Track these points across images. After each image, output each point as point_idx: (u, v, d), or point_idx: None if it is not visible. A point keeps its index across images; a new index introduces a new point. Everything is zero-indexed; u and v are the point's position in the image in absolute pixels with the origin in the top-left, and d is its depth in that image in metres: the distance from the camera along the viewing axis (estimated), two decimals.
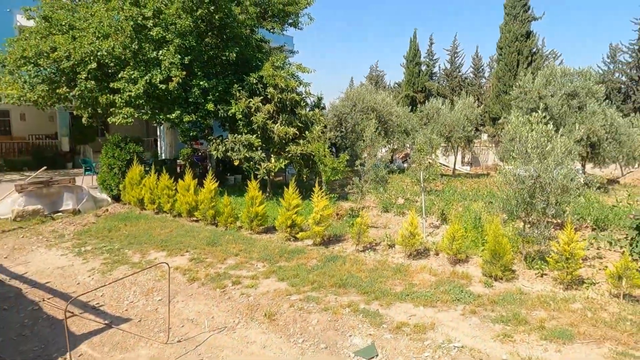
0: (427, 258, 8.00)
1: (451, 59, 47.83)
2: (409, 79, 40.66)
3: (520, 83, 17.84)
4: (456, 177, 21.15)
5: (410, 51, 40.37)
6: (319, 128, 13.31)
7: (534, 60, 31.38)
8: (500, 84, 31.91)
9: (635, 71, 42.25)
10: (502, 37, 32.30)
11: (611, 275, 6.09)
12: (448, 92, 42.76)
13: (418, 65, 40.99)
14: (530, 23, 31.66)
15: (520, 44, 31.14)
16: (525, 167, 6.93)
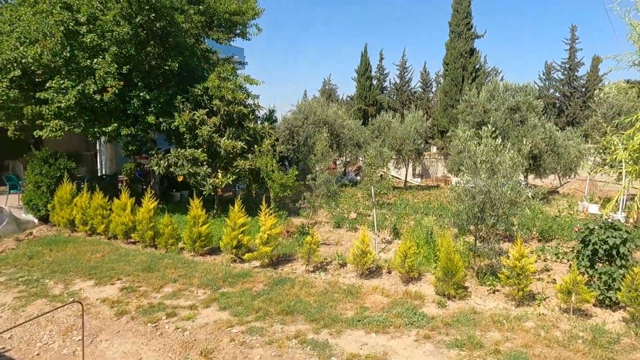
0: (380, 277, 7.70)
1: (401, 73, 49.13)
2: (361, 93, 41.18)
3: (466, 97, 18.34)
4: (408, 189, 21.34)
5: (362, 65, 40.99)
6: (269, 142, 12.83)
7: (478, 76, 32.71)
8: (447, 98, 32.94)
9: (567, 87, 45.36)
10: (447, 54, 33.46)
11: (561, 291, 6.05)
12: (399, 105, 43.76)
13: (369, 79, 41.64)
14: (474, 41, 33.05)
15: (464, 61, 32.37)
16: (474, 182, 6.83)
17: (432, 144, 31.38)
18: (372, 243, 9.72)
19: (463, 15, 32.30)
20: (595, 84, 41.67)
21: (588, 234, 6.50)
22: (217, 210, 12.74)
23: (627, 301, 5.71)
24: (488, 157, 6.86)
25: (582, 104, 41.71)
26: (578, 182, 22.60)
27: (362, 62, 40.91)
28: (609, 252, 6.28)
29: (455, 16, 32.60)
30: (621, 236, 6.21)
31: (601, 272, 6.34)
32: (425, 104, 45.59)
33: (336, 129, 20.14)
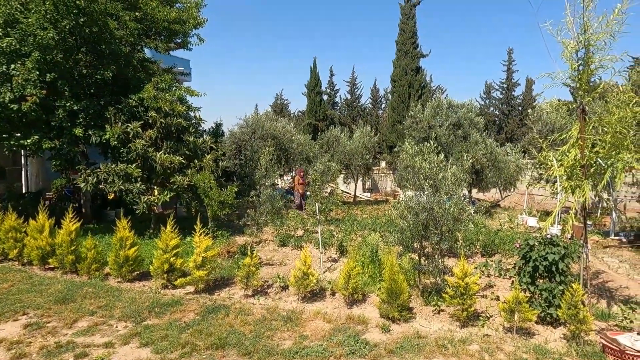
0: (323, 300, 7.28)
1: (351, 89, 49.95)
2: (311, 108, 41.24)
3: (412, 113, 18.64)
4: (357, 204, 21.25)
5: (312, 80, 41.14)
6: (211, 156, 12.18)
7: (424, 94, 33.76)
8: (395, 114, 33.66)
9: (505, 106, 48.04)
10: (395, 71, 34.34)
11: (504, 310, 5.92)
12: (349, 121, 44.26)
13: (320, 95, 41.84)
14: (419, 59, 34.19)
15: (411, 78, 33.34)
16: (418, 199, 6.64)
17: (381, 159, 31.79)
18: (318, 262, 9.33)
19: (409, 35, 33.34)
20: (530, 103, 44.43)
21: (528, 250, 6.47)
22: (154, 230, 11.83)
23: (567, 318, 5.66)
24: (431, 173, 6.71)
25: (519, 121, 44.21)
26: (517, 196, 23.59)
27: (312, 77, 41.07)
28: (548, 268, 6.26)
29: (402, 35, 33.59)
30: (559, 252, 6.22)
31: (542, 288, 6.31)
32: (375, 119, 46.51)
33: (285, 144, 19.73)
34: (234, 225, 13.13)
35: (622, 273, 9.26)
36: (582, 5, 5.74)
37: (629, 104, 5.77)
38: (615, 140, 5.88)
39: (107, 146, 11.88)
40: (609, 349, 5.18)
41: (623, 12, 5.61)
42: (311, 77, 41.09)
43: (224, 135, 21.34)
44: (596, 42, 5.96)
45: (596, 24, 5.89)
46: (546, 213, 17.66)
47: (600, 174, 6.27)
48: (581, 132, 6.20)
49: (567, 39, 6.01)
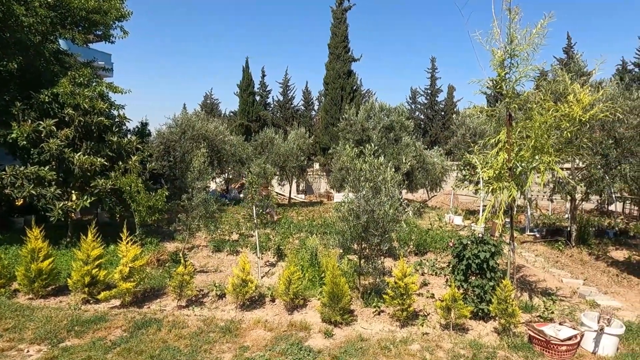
0: (263, 307, 7.03)
1: (284, 91, 49.77)
2: (244, 108, 40.41)
3: (346, 116, 18.92)
4: (292, 206, 21.12)
5: (244, 80, 40.33)
6: (137, 158, 11.33)
7: (355, 97, 34.53)
8: (328, 116, 34.04)
9: (429, 111, 50.76)
10: (327, 74, 34.74)
11: (441, 307, 6.11)
12: (282, 122, 44.04)
13: (252, 95, 41.12)
14: (351, 63, 34.92)
15: (343, 81, 33.93)
16: (358, 202, 6.65)
17: (315, 161, 31.98)
18: (255, 267, 9.04)
19: (341, 39, 33.91)
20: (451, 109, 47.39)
21: (462, 249, 6.76)
22: (72, 239, 10.74)
23: (497, 313, 5.97)
24: (372, 175, 6.76)
25: (442, 125, 46.92)
26: (443, 196, 24.96)
27: (244, 77, 40.28)
28: (480, 265, 6.58)
29: (334, 39, 34.08)
30: (490, 250, 6.56)
31: (474, 285, 6.62)
32: (308, 121, 46.75)
33: (217, 145, 19.06)
34: (164, 231, 12.37)
35: (538, 266, 10.07)
36: (509, 17, 6.11)
37: (548, 110, 6.25)
38: (537, 144, 6.33)
39: (15, 146, 10.58)
40: (536, 340, 5.54)
41: (544, 27, 6.06)
42: (244, 77, 40.28)
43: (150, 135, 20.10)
44: (520, 53, 6.37)
45: (520, 36, 6.30)
46: (470, 212, 18.84)
47: (524, 175, 6.72)
48: (508, 136, 6.60)
49: (495, 48, 6.36)
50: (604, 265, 10.31)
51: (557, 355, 5.30)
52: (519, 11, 6.12)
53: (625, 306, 7.41)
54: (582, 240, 12.37)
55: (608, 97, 9.83)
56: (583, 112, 6.27)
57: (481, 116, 17.22)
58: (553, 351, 5.32)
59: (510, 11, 6.17)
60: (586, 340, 5.59)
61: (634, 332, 5.99)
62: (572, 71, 11.55)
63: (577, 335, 5.48)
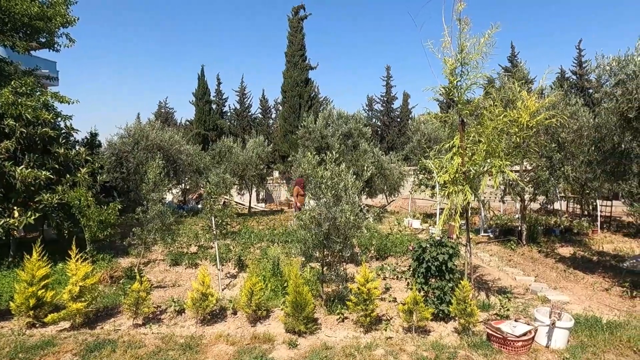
0: (225, 320, 6.84)
1: (240, 99, 49.28)
2: (200, 117, 39.65)
3: (304, 124, 18.97)
4: (252, 215, 20.83)
5: (200, 88, 39.62)
6: (86, 170, 10.77)
7: (313, 104, 34.80)
8: (286, 124, 34.05)
9: (386, 118, 51.92)
10: (285, 82, 34.83)
11: (403, 311, 6.19)
12: (240, 131, 43.56)
13: (208, 104, 40.46)
14: (308, 71, 35.20)
15: (301, 89, 34.12)
16: (320, 209, 6.65)
17: (275, 169, 31.80)
18: (216, 280, 8.80)
19: (298, 47, 34.14)
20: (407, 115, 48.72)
21: (421, 252, 6.91)
22: (14, 258, 10.04)
23: (457, 313, 6.13)
24: (333, 183, 6.78)
25: (398, 131, 48.09)
26: (402, 200, 25.50)
27: (199, 85, 39.56)
28: (439, 267, 6.74)
29: (291, 47, 34.26)
30: (448, 252, 6.74)
31: (434, 287, 6.77)
32: (266, 129, 46.54)
33: (173, 155, 18.52)
34: (118, 246, 11.80)
35: (493, 266, 10.47)
36: (459, 28, 6.37)
37: (499, 116, 6.55)
38: (489, 148, 6.61)
39: None
40: (493, 337, 5.73)
41: (491, 37, 6.36)
42: (199, 85, 39.57)
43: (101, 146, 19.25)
44: (470, 62, 6.64)
45: (470, 45, 6.58)
46: (428, 215, 19.36)
47: (478, 178, 6.98)
48: (461, 141, 6.84)
49: (447, 57, 6.60)
50: (552, 262, 10.87)
51: (513, 351, 5.50)
52: (468, 22, 6.39)
53: (573, 300, 7.84)
54: (532, 239, 13.01)
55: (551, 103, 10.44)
56: (530, 117, 6.62)
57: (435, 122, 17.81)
58: (510, 347, 5.52)
59: (460, 21, 6.43)
60: (540, 335, 5.84)
61: (582, 324, 6.33)
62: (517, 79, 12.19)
63: (531, 330, 5.72)
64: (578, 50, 41.52)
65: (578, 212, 18.72)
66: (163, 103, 56.09)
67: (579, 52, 41.36)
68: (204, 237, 12.79)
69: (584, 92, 35.64)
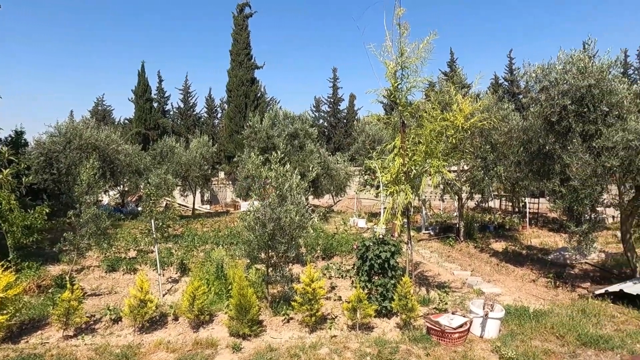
0: (165, 327, 6.58)
1: (184, 97, 47.68)
2: (140, 115, 37.83)
3: (250, 123, 18.74)
4: (196, 217, 20.21)
5: (140, 85, 37.79)
6: (9, 171, 9.89)
7: (260, 104, 34.41)
8: (232, 124, 33.40)
9: (333, 119, 52.55)
10: (230, 81, 34.13)
11: (347, 309, 6.29)
12: (183, 130, 42.13)
13: (149, 102, 38.71)
14: (254, 70, 34.75)
15: (246, 89, 33.60)
16: (264, 210, 6.58)
17: (220, 170, 31.10)
18: (156, 285, 8.45)
19: (243, 46, 33.60)
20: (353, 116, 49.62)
21: (365, 250, 7.05)
22: None
23: (399, 309, 6.33)
24: (278, 183, 6.74)
25: (345, 132, 48.83)
26: (348, 200, 25.91)
27: (140, 82, 37.76)
28: (382, 265, 6.92)
29: (236, 45, 33.66)
30: (390, 250, 6.94)
31: (377, 284, 6.94)
32: (211, 129, 45.39)
33: (110, 155, 17.53)
34: (47, 253, 10.96)
35: (433, 262, 10.93)
36: (399, 32, 6.59)
37: (437, 118, 6.85)
38: (427, 149, 6.89)
39: None
40: (432, 331, 5.97)
41: (430, 43, 6.64)
42: (139, 82, 37.74)
43: (27, 145, 17.85)
44: (410, 65, 6.90)
45: (410, 50, 6.83)
46: (373, 215, 19.82)
47: (418, 178, 7.26)
48: (402, 142, 7.08)
49: (388, 60, 6.80)
50: (487, 256, 11.54)
51: (451, 343, 5.77)
52: (408, 27, 6.63)
53: (504, 291, 8.37)
54: (469, 235, 13.73)
55: (485, 107, 11.08)
56: (465, 120, 6.98)
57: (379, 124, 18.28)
58: (447, 339, 5.78)
59: (400, 26, 6.65)
60: (475, 326, 6.17)
61: (512, 314, 6.76)
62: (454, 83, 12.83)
63: (467, 322, 6.03)
64: (509, 58, 44.44)
65: (510, 209, 20.03)
66: (100, 100, 52.98)
67: (510, 60, 44.28)
68: (144, 241, 12.23)
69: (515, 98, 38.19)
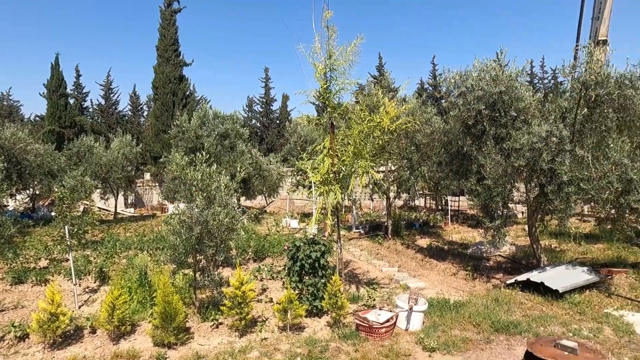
0: (81, 341, 6.09)
1: (106, 94, 44.59)
2: (54, 112, 34.68)
3: (178, 123, 17.99)
4: (119, 221, 18.97)
5: (53, 80, 34.64)
6: None
7: (189, 103, 33.16)
8: (159, 123, 31.85)
9: (265, 119, 52.19)
10: (156, 78, 32.52)
11: (278, 310, 6.26)
12: (105, 129, 39.37)
13: (64, 97, 35.64)
14: (182, 68, 33.43)
15: (174, 86, 32.23)
16: (191, 212, 6.33)
17: (146, 171, 29.50)
18: (72, 296, 7.80)
19: (170, 41, 32.22)
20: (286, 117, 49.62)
21: (296, 251, 7.06)
22: None
23: (329, 307, 6.42)
24: (204, 184, 6.52)
25: (277, 133, 48.71)
26: (280, 201, 25.84)
27: (53, 76, 34.65)
28: (313, 265, 6.97)
29: (163, 41, 32.19)
30: (320, 249, 7.02)
31: (308, 284, 6.98)
32: (137, 128, 42.95)
33: (16, 155, 15.88)
34: None
35: (363, 260, 11.24)
36: (327, 34, 6.68)
37: (365, 120, 7.05)
38: (356, 150, 7.07)
39: None
40: (361, 327, 6.13)
41: (357, 47, 6.82)
42: (53, 76, 34.60)
43: None
44: (338, 68, 7.03)
45: (338, 52, 6.95)
46: (305, 215, 19.95)
47: (347, 178, 7.41)
48: (331, 143, 7.19)
49: (317, 62, 6.87)
50: (413, 253, 12.10)
51: (378, 337, 5.96)
52: (335, 30, 6.75)
53: (428, 285, 8.83)
54: (396, 233, 14.31)
55: (410, 110, 11.62)
56: (391, 122, 7.26)
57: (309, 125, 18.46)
58: (375, 334, 5.96)
59: (329, 29, 6.75)
60: (400, 320, 6.44)
61: (434, 307, 7.15)
62: (382, 87, 13.31)
63: (393, 317, 6.27)
64: (433, 64, 47.14)
65: (434, 207, 21.21)
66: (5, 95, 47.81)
67: (434, 66, 46.96)
68: (57, 249, 11.24)
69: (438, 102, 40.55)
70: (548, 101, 8.59)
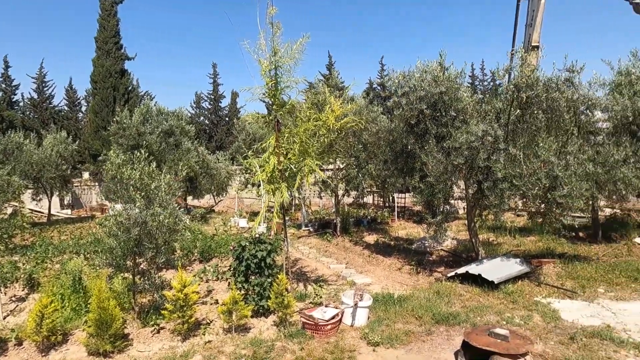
0: (5, 354, 5.63)
1: (38, 87, 41.51)
2: None
3: (118, 119, 17.12)
4: (53, 224, 17.75)
5: None
6: None
7: (131, 98, 31.70)
8: (98, 119, 30.18)
9: (214, 116, 50.99)
10: (95, 71, 30.79)
11: (223, 312, 6.12)
12: (37, 125, 36.66)
13: None
14: (124, 61, 31.88)
15: (115, 81, 30.67)
16: (129, 213, 6.03)
17: (84, 170, 27.84)
18: None
19: (111, 34, 30.66)
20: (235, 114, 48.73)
21: (241, 250, 6.94)
22: None
23: (276, 307, 6.37)
24: (143, 183, 6.24)
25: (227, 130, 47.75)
26: (229, 200, 25.36)
27: None
28: (259, 264, 6.88)
29: (103, 32, 30.56)
30: (266, 248, 6.94)
31: (254, 284, 6.89)
32: (74, 124, 40.43)
33: None
34: None
35: (312, 257, 11.28)
36: (272, 31, 6.61)
37: (310, 118, 7.05)
38: (302, 148, 7.06)
39: None
40: (307, 325, 6.13)
41: (303, 45, 6.80)
42: None
43: None
44: (283, 65, 6.97)
45: (283, 50, 6.90)
46: (254, 214, 19.70)
47: (294, 177, 7.38)
48: (277, 141, 7.13)
49: (262, 59, 6.78)
50: (360, 249, 12.32)
51: (324, 335, 6.00)
52: (280, 26, 6.68)
53: (374, 281, 9.02)
54: (345, 230, 14.50)
55: (357, 109, 11.79)
56: (336, 121, 7.32)
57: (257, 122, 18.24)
58: (321, 332, 5.99)
59: (273, 25, 6.68)
60: (346, 316, 6.51)
61: (379, 302, 7.31)
62: (330, 86, 13.41)
63: (338, 313, 6.33)
64: (381, 64, 48.24)
65: (381, 204, 21.72)
66: None
67: (382, 66, 48.07)
68: None
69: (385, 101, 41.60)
70: (485, 102, 9.04)
